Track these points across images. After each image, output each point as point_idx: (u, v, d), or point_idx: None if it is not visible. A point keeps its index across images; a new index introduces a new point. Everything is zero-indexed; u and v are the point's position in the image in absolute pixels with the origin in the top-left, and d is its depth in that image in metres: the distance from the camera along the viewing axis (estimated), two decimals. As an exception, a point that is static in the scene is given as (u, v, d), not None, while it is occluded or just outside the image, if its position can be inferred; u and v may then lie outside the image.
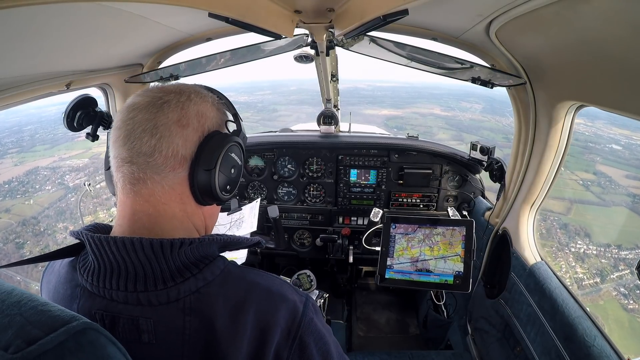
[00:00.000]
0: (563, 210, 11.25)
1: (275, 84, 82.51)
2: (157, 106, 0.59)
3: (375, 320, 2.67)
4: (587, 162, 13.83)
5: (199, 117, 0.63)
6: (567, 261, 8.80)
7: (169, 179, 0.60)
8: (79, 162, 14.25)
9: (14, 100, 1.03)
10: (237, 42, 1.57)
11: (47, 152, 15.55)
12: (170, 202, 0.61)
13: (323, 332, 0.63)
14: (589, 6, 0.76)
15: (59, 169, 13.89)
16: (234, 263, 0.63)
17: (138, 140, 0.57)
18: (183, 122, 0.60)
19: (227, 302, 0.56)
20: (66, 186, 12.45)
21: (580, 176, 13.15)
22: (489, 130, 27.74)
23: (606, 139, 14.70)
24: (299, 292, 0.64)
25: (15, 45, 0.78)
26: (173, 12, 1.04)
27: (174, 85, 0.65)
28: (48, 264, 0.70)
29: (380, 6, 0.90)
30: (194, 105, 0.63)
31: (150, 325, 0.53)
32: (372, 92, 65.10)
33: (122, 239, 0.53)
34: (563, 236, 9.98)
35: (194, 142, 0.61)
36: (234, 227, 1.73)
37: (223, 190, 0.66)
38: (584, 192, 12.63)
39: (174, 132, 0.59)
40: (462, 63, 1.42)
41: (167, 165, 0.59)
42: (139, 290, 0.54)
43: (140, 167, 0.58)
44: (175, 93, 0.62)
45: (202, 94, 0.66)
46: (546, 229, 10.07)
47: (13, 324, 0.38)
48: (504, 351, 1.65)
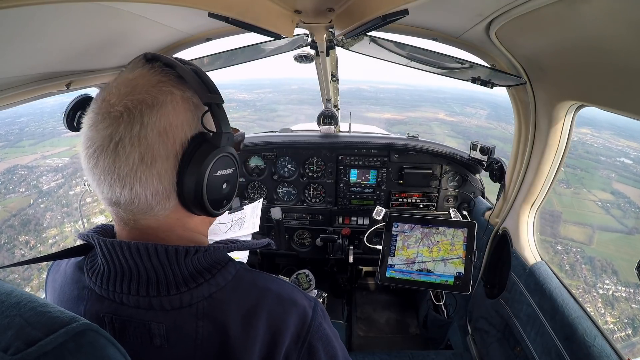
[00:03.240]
0: (585, 239, 10.52)
1: (276, 82, 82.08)
2: (112, 151, 0.50)
3: (375, 320, 2.67)
4: (603, 180, 13.28)
5: (165, 139, 0.52)
6: (596, 307, 7.86)
7: (161, 213, 0.56)
8: (59, 161, 13.69)
9: (14, 100, 1.03)
10: (237, 42, 1.56)
11: (31, 149, 14.97)
12: (172, 228, 0.58)
13: (331, 336, 0.63)
14: (589, 6, 0.76)
15: (37, 169, 13.36)
16: (245, 267, 0.63)
17: (111, 191, 0.52)
18: (147, 160, 0.51)
19: (239, 307, 0.56)
20: (39, 190, 11.88)
21: (598, 196, 12.61)
22: (497, 140, 27.02)
23: (615, 152, 14.32)
24: (308, 296, 0.64)
25: (15, 45, 0.77)
26: (173, 12, 1.04)
27: (122, 103, 0.51)
28: (53, 263, 0.70)
29: (380, 6, 0.90)
30: (151, 128, 0.51)
31: (163, 330, 0.53)
32: (374, 93, 64.85)
33: (136, 245, 0.53)
34: (589, 273, 9.09)
35: (171, 170, 0.53)
36: (235, 226, 1.73)
37: (219, 208, 0.60)
38: (604, 216, 11.99)
39: (142, 176, 0.51)
40: (462, 63, 1.42)
41: (153, 205, 0.54)
42: (152, 295, 0.53)
43: (127, 211, 0.55)
44: (125, 120, 0.50)
45: (158, 98, 0.52)
46: (570, 264, 9.19)
47: (12, 325, 0.38)
48: (504, 351, 1.66)
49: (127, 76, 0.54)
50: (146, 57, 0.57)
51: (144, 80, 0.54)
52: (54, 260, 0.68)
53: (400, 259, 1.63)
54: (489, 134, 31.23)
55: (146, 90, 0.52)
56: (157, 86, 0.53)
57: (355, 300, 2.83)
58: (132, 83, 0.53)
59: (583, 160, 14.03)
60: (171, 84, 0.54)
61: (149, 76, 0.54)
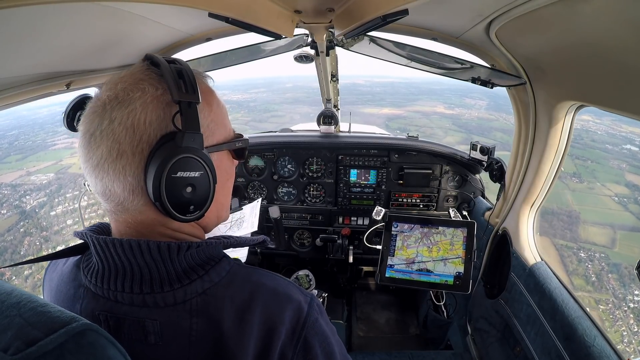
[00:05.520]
0: (607, 242, 9.87)
1: (270, 81, 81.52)
2: (87, 142, 0.53)
3: (375, 320, 2.67)
4: (615, 172, 12.68)
5: (132, 135, 0.52)
6: (628, 325, 6.89)
7: (132, 208, 0.56)
8: (43, 177, 13.26)
9: (14, 100, 1.03)
10: (237, 42, 1.57)
11: (18, 164, 14.54)
12: (151, 226, 0.58)
13: (327, 332, 0.63)
14: (589, 6, 0.76)
15: (21, 187, 12.97)
16: (239, 263, 0.63)
17: (90, 178, 0.56)
18: (113, 154, 0.52)
19: (233, 303, 0.56)
20: (22, 210, 11.48)
21: (613, 190, 12.03)
22: (501, 132, 26.02)
23: (620, 138, 13.94)
24: (304, 292, 0.64)
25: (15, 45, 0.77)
26: (173, 12, 1.04)
27: (102, 98, 0.54)
28: (50, 263, 0.70)
29: (380, 6, 0.90)
30: (118, 123, 0.52)
31: (157, 327, 0.53)
32: (370, 88, 64.24)
33: (129, 241, 0.53)
34: (616, 283, 8.25)
35: (137, 167, 0.53)
36: (234, 226, 1.73)
37: (184, 213, 0.56)
38: (622, 212, 11.36)
39: (109, 169, 0.52)
40: (462, 63, 1.42)
41: (122, 199, 0.55)
42: (145, 292, 0.53)
43: (108, 203, 0.57)
44: (99, 113, 0.53)
45: (129, 95, 0.53)
46: (596, 274, 8.42)
47: (12, 325, 0.38)
48: (504, 351, 1.66)
49: (119, 74, 0.57)
50: (145, 57, 0.60)
51: (129, 78, 0.55)
52: (52, 260, 0.68)
53: (400, 259, 1.63)
54: (492, 126, 30.63)
55: (123, 88, 0.53)
56: (135, 84, 0.54)
57: (355, 300, 2.83)
58: (117, 80, 0.55)
59: (590, 150, 13.54)
60: (149, 82, 0.54)
61: (134, 74, 0.56)
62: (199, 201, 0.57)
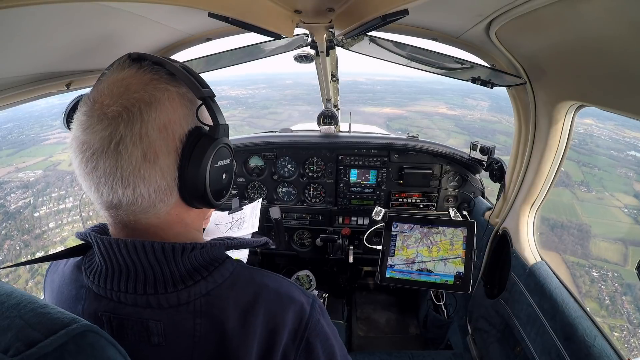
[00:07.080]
0: (619, 259, 9.19)
1: (271, 77, 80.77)
2: (113, 150, 0.50)
3: (375, 320, 2.67)
4: (623, 180, 12.18)
5: (165, 135, 0.52)
6: None
7: (163, 209, 0.56)
8: (31, 175, 12.78)
9: (14, 100, 1.03)
10: (237, 42, 1.55)
11: (7, 160, 14.04)
12: (172, 224, 0.59)
13: (329, 333, 0.63)
14: (589, 6, 0.76)
15: (7, 184, 12.48)
16: (242, 264, 0.63)
17: (112, 192, 0.52)
18: (150, 157, 0.51)
19: (236, 304, 0.56)
20: (5, 211, 11.02)
21: (622, 201, 11.51)
22: (505, 135, 24.99)
23: (623, 144, 13.57)
24: (306, 293, 0.64)
25: (15, 45, 0.77)
26: (173, 12, 1.04)
27: (118, 103, 0.50)
28: (51, 264, 0.70)
29: (380, 6, 0.90)
30: (152, 125, 0.51)
31: (160, 328, 0.53)
32: (371, 86, 63.59)
33: (133, 242, 0.53)
34: (631, 307, 7.59)
35: (172, 166, 0.54)
36: (235, 226, 1.73)
37: (219, 198, 0.62)
38: (633, 226, 10.78)
39: (145, 174, 0.51)
40: (462, 63, 1.42)
41: (156, 202, 0.54)
42: (149, 292, 0.53)
43: (128, 212, 0.54)
44: (124, 118, 0.50)
45: (155, 96, 0.53)
46: (609, 295, 7.84)
47: (13, 327, 0.38)
48: (504, 351, 1.66)
49: (117, 77, 0.54)
50: (131, 57, 0.57)
51: (135, 79, 0.54)
52: (53, 261, 0.68)
53: (400, 259, 1.63)
54: (495, 129, 30.00)
55: (142, 89, 0.52)
56: (151, 84, 0.53)
57: (355, 300, 2.83)
58: (124, 83, 0.53)
59: (596, 156, 13.07)
60: (164, 81, 0.55)
61: (140, 75, 0.54)
62: (228, 184, 0.65)
